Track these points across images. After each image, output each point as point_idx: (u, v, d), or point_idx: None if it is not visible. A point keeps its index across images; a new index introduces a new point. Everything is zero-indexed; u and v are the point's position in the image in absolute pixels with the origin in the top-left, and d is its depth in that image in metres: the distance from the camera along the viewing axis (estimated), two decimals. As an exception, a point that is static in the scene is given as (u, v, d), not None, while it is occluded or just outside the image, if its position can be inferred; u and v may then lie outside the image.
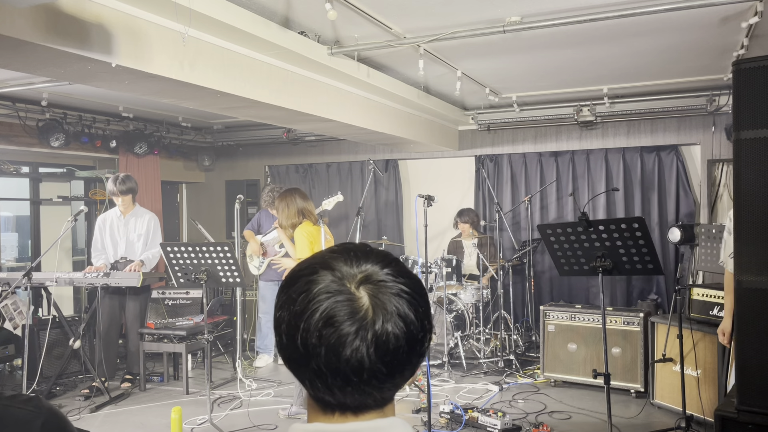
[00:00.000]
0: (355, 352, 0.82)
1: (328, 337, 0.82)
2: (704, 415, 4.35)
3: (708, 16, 4.11)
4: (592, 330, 5.36)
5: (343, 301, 0.83)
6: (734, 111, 2.90)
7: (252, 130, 8.35)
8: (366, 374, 0.83)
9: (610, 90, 6.40)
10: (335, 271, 0.86)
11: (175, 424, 4.12)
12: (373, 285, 0.85)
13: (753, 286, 2.85)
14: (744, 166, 2.86)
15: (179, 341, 5.67)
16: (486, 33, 4.11)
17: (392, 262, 0.89)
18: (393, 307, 0.84)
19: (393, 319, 0.84)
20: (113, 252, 5.87)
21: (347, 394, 0.85)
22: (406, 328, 0.84)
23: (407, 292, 0.86)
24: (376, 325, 0.83)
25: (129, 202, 5.82)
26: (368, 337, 0.82)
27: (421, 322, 0.87)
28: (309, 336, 0.83)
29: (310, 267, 0.88)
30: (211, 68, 3.91)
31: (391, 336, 0.83)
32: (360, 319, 0.82)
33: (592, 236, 3.59)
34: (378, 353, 0.83)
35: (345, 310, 0.83)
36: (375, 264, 0.88)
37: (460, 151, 7.83)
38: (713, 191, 6.66)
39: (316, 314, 0.83)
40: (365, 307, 0.83)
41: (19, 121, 6.09)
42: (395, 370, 0.85)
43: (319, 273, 0.86)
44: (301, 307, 0.84)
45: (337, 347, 0.82)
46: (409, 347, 0.85)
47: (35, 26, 2.87)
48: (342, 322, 0.82)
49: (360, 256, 0.88)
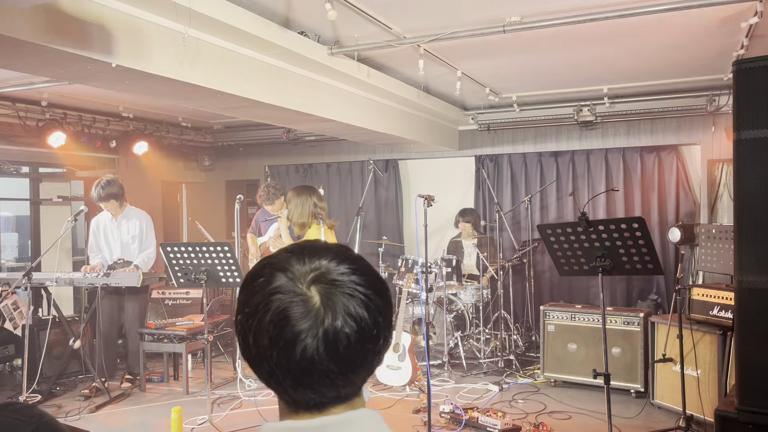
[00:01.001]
0: (304, 351, 0.81)
1: (278, 338, 0.82)
2: (704, 415, 4.35)
3: (708, 16, 4.11)
4: (592, 330, 5.36)
5: (293, 301, 0.83)
6: (734, 111, 2.90)
7: (252, 130, 8.35)
8: (317, 374, 0.83)
9: (610, 90, 6.40)
10: (287, 271, 0.85)
11: (175, 424, 4.12)
12: (325, 284, 0.84)
13: (753, 286, 2.85)
14: (744, 166, 2.86)
15: (179, 341, 5.67)
16: (486, 33, 4.11)
17: (348, 259, 0.88)
18: (343, 306, 0.83)
19: (343, 318, 0.83)
20: (109, 254, 5.86)
21: (300, 393, 0.85)
22: (356, 326, 0.83)
23: (361, 290, 0.85)
24: (325, 323, 0.82)
25: (115, 206, 5.76)
26: (319, 335, 0.81)
27: (374, 320, 0.85)
28: (260, 337, 0.83)
29: (264, 269, 0.88)
30: (211, 68, 3.91)
31: (341, 334, 0.82)
32: (310, 318, 0.82)
33: (592, 236, 3.59)
34: (328, 352, 0.82)
35: (295, 310, 0.82)
36: (329, 261, 0.87)
37: (460, 151, 7.83)
38: (713, 191, 6.66)
39: (267, 315, 0.83)
40: (315, 307, 0.82)
41: (19, 121, 6.09)
42: (347, 369, 0.84)
43: (273, 274, 0.86)
44: (253, 309, 0.84)
45: (287, 347, 0.82)
46: (361, 345, 0.84)
47: (35, 26, 2.87)
48: (291, 322, 0.82)
49: (312, 254, 0.87)
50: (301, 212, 4.42)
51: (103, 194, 5.66)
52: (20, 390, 5.08)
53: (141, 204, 7.12)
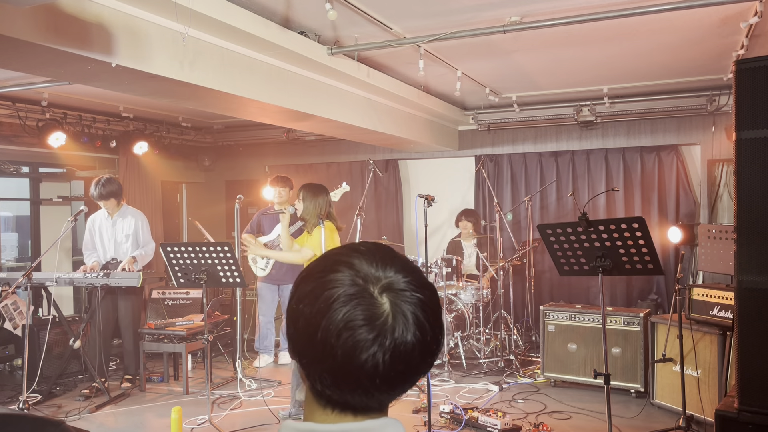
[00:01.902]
0: (372, 357, 0.82)
1: (347, 340, 0.82)
2: (704, 415, 4.35)
3: (708, 16, 4.11)
4: (592, 330, 5.36)
5: (365, 306, 0.83)
6: (734, 111, 2.90)
7: (252, 130, 8.35)
8: (378, 379, 0.84)
9: (610, 90, 6.41)
10: (359, 272, 0.86)
11: (175, 424, 4.12)
12: (395, 293, 0.85)
13: (753, 286, 2.85)
14: (744, 166, 2.86)
15: (179, 341, 5.67)
16: (486, 33, 4.10)
17: (413, 271, 0.89)
18: (412, 317, 0.85)
19: (411, 329, 0.84)
20: (103, 253, 5.86)
21: (355, 396, 0.86)
22: (422, 337, 0.85)
23: (425, 302, 0.87)
24: (395, 332, 0.83)
25: (113, 205, 5.78)
26: (386, 344, 0.83)
27: (435, 334, 0.88)
28: (328, 336, 0.83)
29: (334, 264, 0.88)
30: (211, 68, 3.91)
31: (408, 345, 0.84)
32: (380, 325, 0.83)
33: (592, 236, 3.59)
34: (393, 361, 0.83)
35: (366, 315, 0.83)
36: (398, 272, 0.87)
37: (460, 151, 7.83)
38: (713, 191, 6.66)
39: (338, 315, 0.83)
40: (385, 314, 0.84)
41: (19, 121, 6.09)
42: (406, 378, 0.87)
43: (343, 272, 0.86)
44: (324, 305, 0.84)
45: (355, 350, 0.82)
46: (422, 357, 0.87)
47: (35, 26, 2.87)
48: (362, 326, 0.82)
49: (386, 261, 0.88)
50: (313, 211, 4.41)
51: (104, 192, 5.67)
52: (20, 390, 5.08)
53: (141, 204, 7.13)
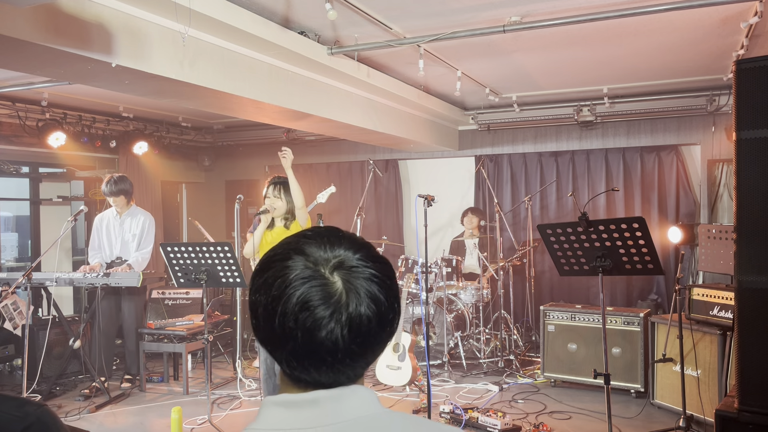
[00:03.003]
0: (330, 333, 0.86)
1: (304, 321, 0.86)
2: (704, 415, 4.35)
3: (708, 16, 4.11)
4: (592, 330, 5.36)
5: (318, 286, 0.87)
6: (734, 111, 2.90)
7: (252, 130, 8.35)
8: (340, 354, 0.88)
9: (610, 90, 6.40)
10: (309, 256, 0.90)
11: (175, 424, 4.12)
12: (346, 270, 0.89)
13: (753, 286, 2.85)
14: (744, 166, 2.86)
15: (179, 341, 5.67)
16: (486, 33, 4.10)
17: (363, 247, 0.94)
18: (365, 291, 0.89)
19: (365, 302, 0.88)
20: (109, 252, 5.87)
21: (322, 373, 0.90)
22: (377, 309, 0.89)
23: (377, 276, 0.91)
24: (349, 308, 0.87)
25: (123, 203, 5.81)
26: (342, 319, 0.87)
27: (390, 304, 0.92)
28: (286, 320, 0.87)
29: (284, 252, 0.91)
30: (211, 68, 3.91)
31: (364, 318, 0.88)
32: (334, 302, 0.87)
33: (592, 236, 3.59)
34: (351, 334, 0.87)
35: (320, 295, 0.87)
36: (347, 249, 0.92)
37: (460, 151, 7.83)
38: (713, 191, 6.66)
39: (292, 299, 0.87)
40: (339, 291, 0.87)
41: (19, 121, 6.09)
42: (367, 349, 0.91)
43: (293, 258, 0.90)
44: (278, 292, 0.88)
45: (313, 330, 0.86)
46: (380, 327, 0.90)
47: (35, 26, 2.87)
48: (317, 305, 0.86)
49: (333, 242, 0.92)
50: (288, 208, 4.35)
51: (115, 189, 5.70)
52: (20, 390, 5.08)
53: (141, 204, 7.12)
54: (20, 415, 0.98)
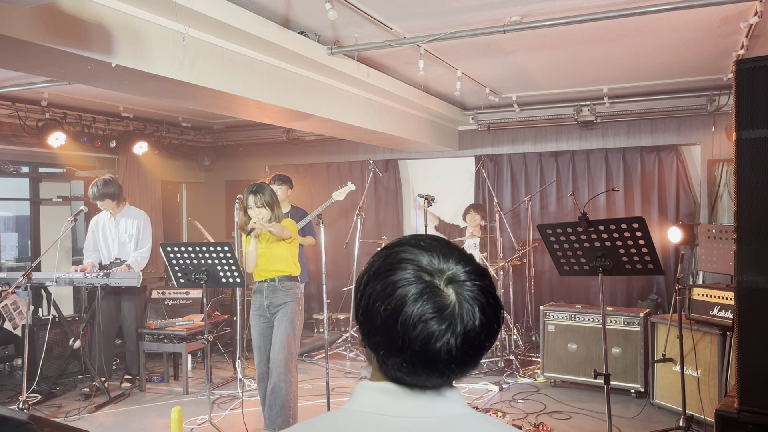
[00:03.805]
0: (446, 344, 0.92)
1: (422, 331, 0.91)
2: (704, 415, 4.35)
3: (708, 16, 4.11)
4: (592, 330, 5.36)
5: (434, 300, 0.92)
6: (734, 111, 2.90)
7: (252, 130, 8.35)
8: (453, 364, 0.94)
9: (610, 90, 6.40)
10: (423, 268, 0.95)
11: (175, 424, 4.12)
12: (458, 284, 0.94)
13: (753, 286, 2.85)
14: (744, 166, 2.86)
15: (179, 341, 5.67)
16: (486, 33, 4.10)
17: (470, 261, 0.99)
18: (477, 303, 0.94)
19: (477, 314, 0.94)
20: (107, 253, 5.87)
21: (431, 378, 0.96)
22: (486, 320, 0.95)
23: (485, 289, 0.96)
24: (464, 320, 0.93)
25: (112, 205, 5.79)
26: (457, 331, 0.92)
27: (496, 316, 0.97)
28: (406, 330, 0.92)
29: (399, 262, 0.96)
30: (211, 68, 3.91)
31: (477, 329, 0.94)
32: (449, 315, 0.92)
33: (592, 236, 3.59)
34: (464, 345, 0.93)
35: (435, 307, 0.92)
36: (457, 263, 0.97)
37: (460, 151, 7.83)
38: (713, 191, 6.66)
39: (411, 310, 0.92)
40: (452, 304, 0.93)
41: (19, 121, 6.09)
42: (476, 357, 0.97)
43: (407, 269, 0.95)
44: (398, 303, 0.92)
45: (430, 340, 0.91)
46: (487, 338, 0.96)
47: (35, 26, 2.86)
48: (433, 318, 0.92)
49: (446, 254, 0.97)
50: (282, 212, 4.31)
51: (98, 194, 5.69)
52: (20, 390, 5.08)
53: (141, 204, 7.12)
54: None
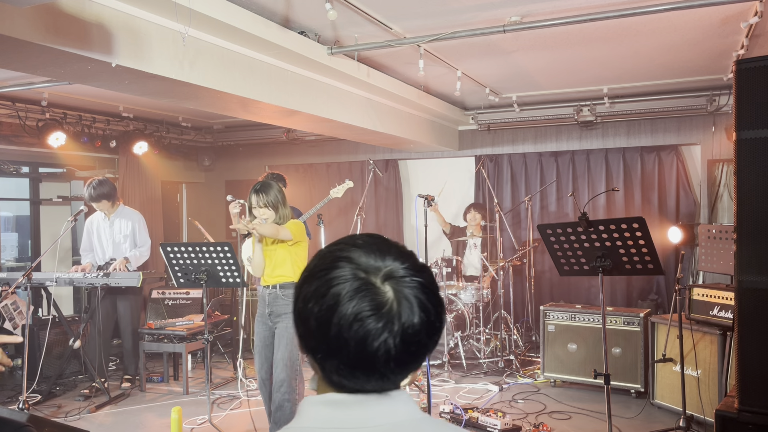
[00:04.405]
0: (383, 344, 0.88)
1: (358, 331, 0.87)
2: (704, 415, 4.35)
3: (708, 16, 4.11)
4: (592, 330, 5.36)
5: (370, 297, 0.88)
6: (734, 111, 2.90)
7: (252, 130, 8.35)
8: (392, 363, 0.90)
9: (610, 90, 6.40)
10: (359, 265, 0.91)
11: (175, 424, 4.12)
12: (396, 280, 0.91)
13: (753, 286, 2.85)
14: (744, 166, 2.86)
15: (179, 341, 5.67)
16: (486, 33, 4.10)
17: (409, 257, 0.95)
18: (415, 300, 0.90)
19: (416, 312, 0.90)
20: (102, 254, 5.87)
21: (371, 381, 0.91)
22: (426, 318, 0.91)
23: (425, 285, 0.92)
24: (402, 317, 0.89)
25: (107, 206, 5.78)
26: (395, 329, 0.88)
27: (438, 313, 0.93)
28: (341, 330, 0.88)
29: (334, 260, 0.93)
30: (211, 68, 3.91)
31: (416, 326, 0.90)
32: (386, 312, 0.88)
33: (592, 236, 3.59)
34: (403, 343, 0.89)
35: (372, 305, 0.88)
36: (395, 259, 0.93)
37: (460, 151, 7.83)
38: (713, 191, 6.66)
39: (347, 309, 0.88)
40: (390, 301, 0.89)
41: (19, 121, 6.09)
42: (417, 357, 0.92)
43: (343, 267, 0.91)
44: (333, 302, 0.89)
45: (367, 339, 0.87)
46: (429, 336, 0.92)
47: (35, 26, 2.86)
48: (370, 316, 0.88)
49: (383, 250, 0.94)
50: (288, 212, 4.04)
51: (94, 194, 5.67)
52: (20, 390, 5.08)
53: (141, 204, 7.12)
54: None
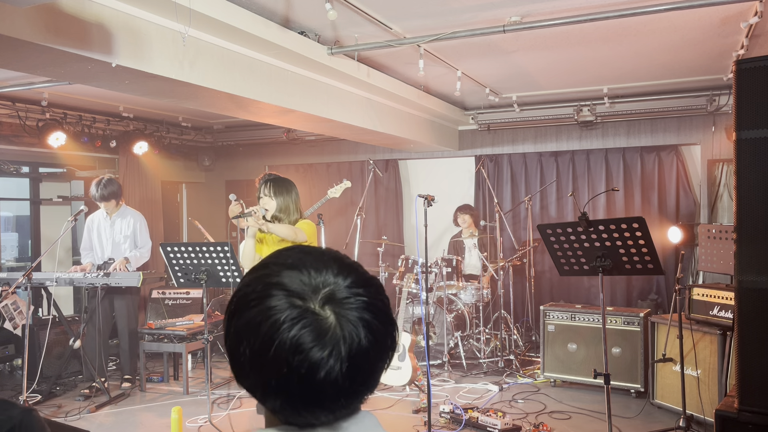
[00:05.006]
0: (329, 374, 0.78)
1: (299, 365, 0.78)
2: (704, 415, 4.35)
3: (708, 16, 4.11)
4: (592, 330, 5.36)
5: (310, 325, 0.78)
6: (734, 111, 2.90)
7: (252, 130, 8.35)
8: (340, 395, 0.80)
9: (610, 90, 6.40)
10: (292, 291, 0.80)
11: (175, 424, 4.12)
12: (337, 303, 0.81)
13: (753, 286, 2.85)
14: (744, 166, 2.86)
15: (179, 341, 5.67)
16: (486, 33, 4.10)
17: (352, 271, 0.85)
18: (361, 322, 0.81)
19: (362, 333, 0.80)
20: (101, 253, 5.87)
21: (319, 416, 0.82)
22: (374, 339, 0.82)
23: (372, 304, 0.83)
24: (347, 341, 0.79)
25: (112, 205, 5.79)
26: (342, 354, 0.79)
27: (388, 330, 0.84)
28: (279, 366, 0.78)
29: (264, 288, 0.82)
30: (211, 68, 3.91)
31: (363, 349, 0.80)
32: (329, 339, 0.78)
33: (592, 236, 3.59)
34: (351, 370, 0.79)
35: (313, 335, 0.78)
36: (336, 276, 0.83)
37: (460, 151, 7.83)
38: (713, 191, 6.66)
39: (285, 343, 0.78)
40: (332, 326, 0.79)
41: (19, 121, 6.09)
42: (366, 383, 0.83)
43: (275, 294, 0.81)
44: (268, 337, 0.78)
45: (310, 373, 0.78)
46: (379, 357, 0.83)
47: (35, 26, 2.87)
48: (312, 347, 0.78)
49: (319, 267, 0.83)
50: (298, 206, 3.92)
51: (105, 193, 5.68)
52: (20, 390, 5.08)
53: (141, 204, 7.12)
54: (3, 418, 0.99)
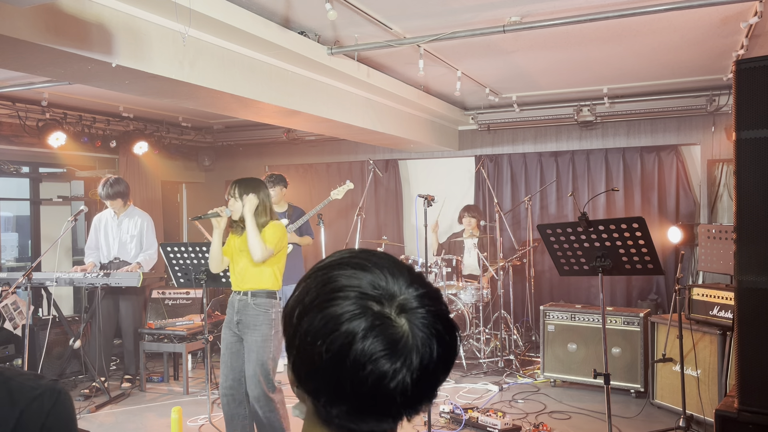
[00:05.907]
0: (400, 383, 0.79)
1: (373, 373, 0.78)
2: (704, 415, 4.35)
3: (708, 16, 4.11)
4: (592, 330, 5.36)
5: (384, 334, 0.79)
6: (734, 111, 2.90)
7: (252, 130, 8.35)
8: (408, 404, 0.81)
9: (610, 90, 6.40)
10: (368, 295, 0.81)
11: (175, 424, 4.12)
12: (410, 312, 0.81)
13: (753, 286, 2.85)
14: (744, 166, 2.86)
15: (179, 341, 5.67)
16: (486, 33, 4.10)
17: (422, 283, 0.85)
18: (434, 331, 0.82)
19: (433, 344, 0.82)
20: (107, 252, 5.88)
21: (382, 424, 0.83)
22: (442, 350, 0.83)
23: (439, 314, 0.84)
24: (420, 352, 0.80)
25: (120, 205, 5.82)
26: (413, 365, 0.79)
27: (453, 341, 0.85)
28: (355, 373, 0.78)
29: (339, 290, 0.82)
30: (211, 68, 3.91)
31: (433, 359, 0.81)
32: (401, 348, 0.79)
33: (592, 236, 3.59)
34: (420, 379, 0.80)
35: (386, 343, 0.79)
36: (409, 285, 0.84)
37: (460, 151, 7.83)
38: (713, 191, 6.66)
39: (364, 349, 0.78)
40: (405, 335, 0.80)
41: (19, 121, 6.08)
42: (430, 395, 0.85)
43: (349, 298, 0.81)
44: (346, 341, 0.78)
45: (383, 381, 0.78)
46: (444, 368, 0.84)
47: (35, 26, 2.87)
48: (389, 355, 0.79)
49: (395, 274, 0.84)
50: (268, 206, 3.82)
51: (111, 192, 5.71)
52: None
53: (141, 204, 7.11)
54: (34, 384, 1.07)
